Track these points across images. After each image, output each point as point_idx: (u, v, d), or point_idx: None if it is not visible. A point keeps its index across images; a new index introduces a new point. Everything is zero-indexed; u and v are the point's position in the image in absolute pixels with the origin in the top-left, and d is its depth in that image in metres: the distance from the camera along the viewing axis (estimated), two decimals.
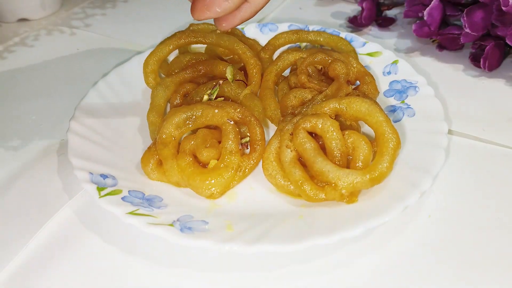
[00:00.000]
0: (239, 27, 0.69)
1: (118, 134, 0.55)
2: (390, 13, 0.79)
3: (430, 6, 0.66)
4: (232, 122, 0.49)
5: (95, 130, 0.54)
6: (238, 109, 0.50)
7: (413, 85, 0.57)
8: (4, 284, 0.42)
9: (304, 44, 0.66)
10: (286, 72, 0.62)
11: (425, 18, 0.67)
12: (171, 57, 0.63)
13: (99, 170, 0.48)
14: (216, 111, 0.49)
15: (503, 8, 0.59)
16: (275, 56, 0.65)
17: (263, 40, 0.68)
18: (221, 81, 0.54)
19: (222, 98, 0.54)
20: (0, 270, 0.43)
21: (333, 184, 0.44)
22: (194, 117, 0.50)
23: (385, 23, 0.76)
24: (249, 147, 0.50)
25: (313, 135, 0.48)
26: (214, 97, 0.54)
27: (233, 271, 0.42)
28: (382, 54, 0.63)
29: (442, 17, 0.67)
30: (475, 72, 0.65)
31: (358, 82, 0.57)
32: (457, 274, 0.41)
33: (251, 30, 0.69)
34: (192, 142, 0.49)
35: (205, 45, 0.62)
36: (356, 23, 0.76)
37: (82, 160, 0.49)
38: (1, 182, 0.52)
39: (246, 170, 0.48)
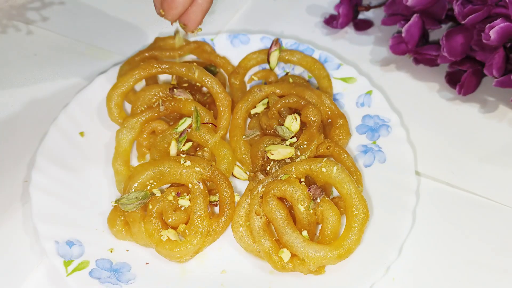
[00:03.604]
0: (208, 38, 0.65)
1: (84, 181, 0.53)
2: (368, 13, 0.75)
3: (409, 23, 0.63)
4: (200, 184, 0.48)
5: (59, 180, 0.52)
6: (207, 168, 0.49)
7: (385, 124, 0.56)
8: None
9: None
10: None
11: (403, 35, 0.64)
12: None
13: (65, 235, 0.47)
14: (184, 171, 0.48)
15: (484, 40, 0.57)
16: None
17: (233, 54, 0.64)
18: (189, 129, 0.52)
19: (191, 143, 0.53)
20: None
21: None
22: (161, 176, 0.49)
23: (362, 25, 0.73)
24: (218, 205, 0.50)
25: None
26: (182, 144, 0.52)
27: None
28: (356, 81, 0.60)
29: (421, 33, 0.64)
30: (449, 94, 0.64)
31: None
32: None
33: (221, 43, 0.65)
34: (159, 205, 0.48)
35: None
36: (332, 25, 0.72)
37: (48, 224, 0.47)
38: None
39: (216, 235, 0.48)
